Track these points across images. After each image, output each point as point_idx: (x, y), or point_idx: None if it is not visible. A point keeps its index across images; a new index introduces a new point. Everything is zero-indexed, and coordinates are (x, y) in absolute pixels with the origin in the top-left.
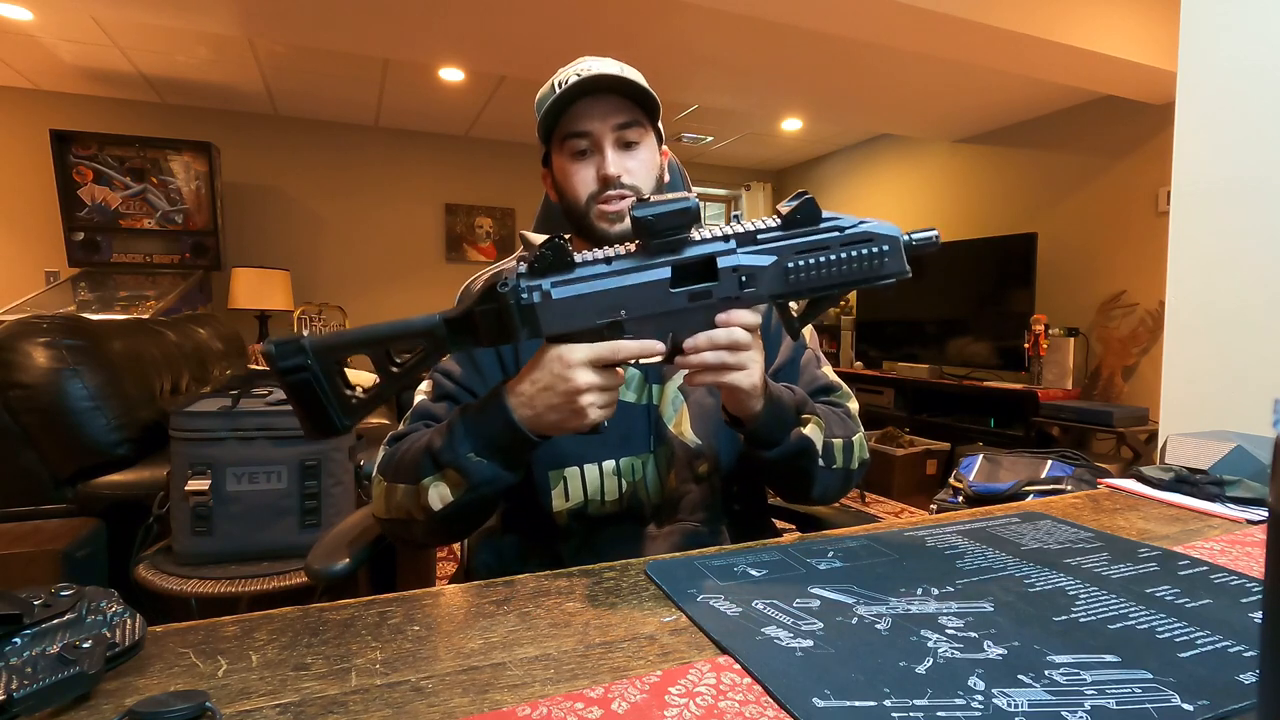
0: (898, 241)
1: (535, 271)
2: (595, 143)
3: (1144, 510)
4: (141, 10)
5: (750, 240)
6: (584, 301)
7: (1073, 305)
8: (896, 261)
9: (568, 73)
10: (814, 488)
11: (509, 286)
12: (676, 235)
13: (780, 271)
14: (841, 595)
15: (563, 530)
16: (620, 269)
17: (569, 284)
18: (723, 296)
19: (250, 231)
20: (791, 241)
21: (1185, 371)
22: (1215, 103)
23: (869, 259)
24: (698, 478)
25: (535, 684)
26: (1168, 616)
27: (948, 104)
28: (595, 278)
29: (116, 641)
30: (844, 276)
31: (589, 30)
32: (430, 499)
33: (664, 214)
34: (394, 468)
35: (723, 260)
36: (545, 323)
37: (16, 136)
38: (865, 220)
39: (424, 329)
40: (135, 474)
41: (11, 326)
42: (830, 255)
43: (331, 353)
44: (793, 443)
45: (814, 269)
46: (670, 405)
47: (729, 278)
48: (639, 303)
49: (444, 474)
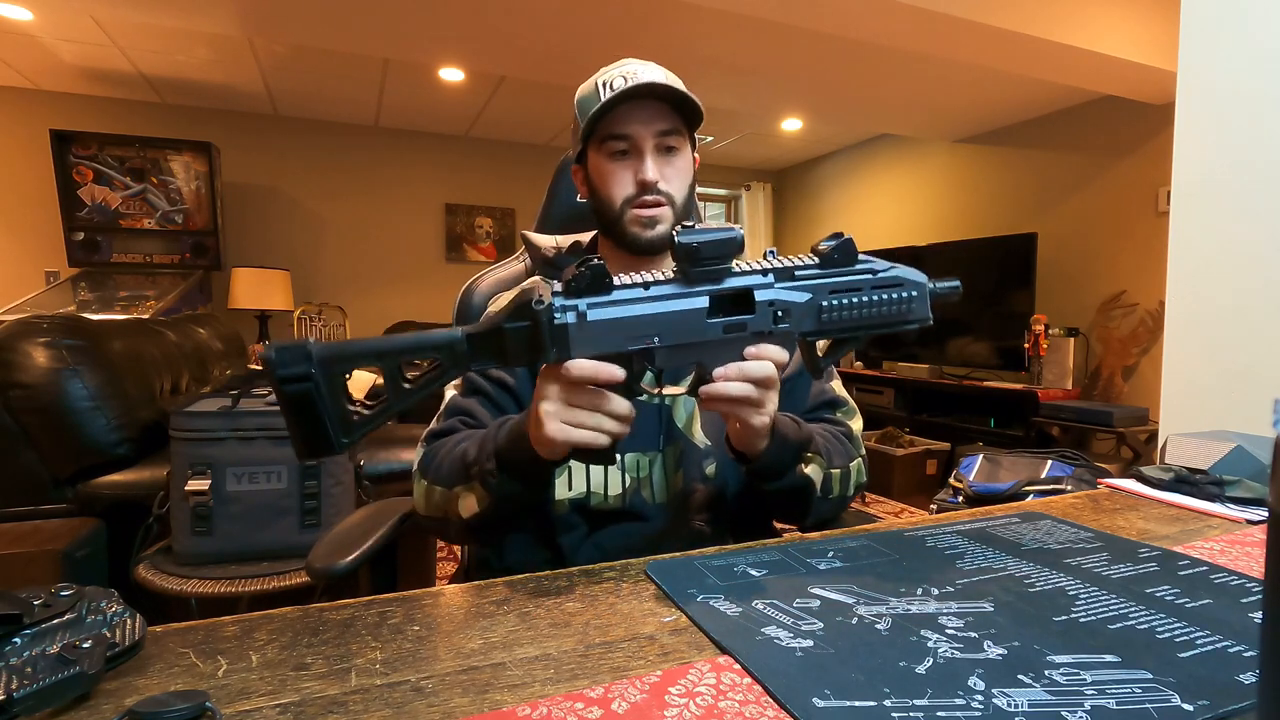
0: (925, 288)
1: (571, 291)
2: (635, 146)
3: (1144, 510)
4: (141, 10)
5: (788, 276)
6: (619, 325)
7: (1073, 305)
8: (922, 308)
9: (613, 74)
10: (809, 516)
11: (544, 305)
12: (718, 265)
13: (814, 309)
14: (841, 595)
15: (563, 522)
16: (658, 295)
17: (605, 306)
18: (756, 330)
19: (250, 231)
20: (827, 281)
21: (1185, 371)
22: (1215, 103)
23: (897, 304)
24: (705, 478)
25: (535, 684)
26: (1168, 616)
27: (948, 104)
28: (632, 302)
29: (116, 641)
30: (872, 319)
31: (589, 30)
32: (461, 507)
33: (709, 243)
34: (433, 469)
35: (760, 294)
36: (576, 344)
37: (16, 136)
38: (895, 266)
39: (444, 343)
40: (135, 474)
41: (11, 326)
42: (862, 297)
43: (339, 363)
44: (795, 478)
45: (846, 309)
46: (683, 405)
47: (764, 311)
48: (673, 330)
49: (472, 486)
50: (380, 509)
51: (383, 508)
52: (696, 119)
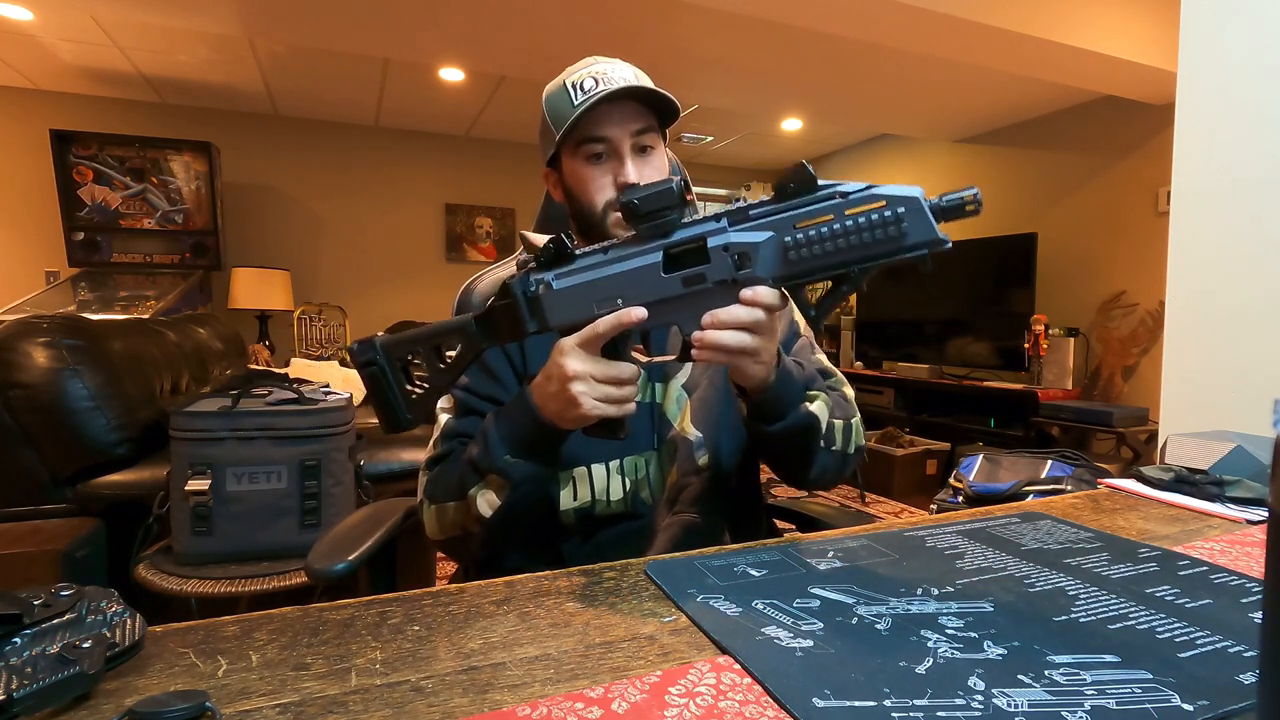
0: (918, 203)
1: (540, 266)
2: (613, 149)
3: (1144, 510)
4: (141, 10)
5: (743, 217)
6: (583, 290)
7: (1073, 305)
8: (922, 228)
9: (582, 75)
10: (813, 467)
11: (517, 279)
12: (663, 217)
13: (778, 248)
14: (841, 595)
15: (565, 529)
16: (615, 257)
17: (570, 275)
18: (718, 280)
19: (250, 231)
20: (786, 214)
21: (1185, 371)
22: (1215, 103)
23: (884, 226)
24: (698, 469)
25: (535, 684)
26: (1168, 616)
27: (948, 104)
28: (593, 267)
29: (116, 641)
30: (857, 251)
31: (589, 30)
32: (480, 508)
33: (647, 196)
34: (440, 489)
35: (713, 240)
36: (550, 314)
37: (16, 136)
38: (874, 185)
39: (459, 326)
40: (135, 474)
41: (11, 326)
42: (834, 226)
43: (396, 348)
44: (800, 416)
45: (818, 243)
46: (674, 403)
47: (720, 258)
48: (635, 289)
49: (487, 481)
50: (380, 509)
51: (382, 508)
52: (670, 115)
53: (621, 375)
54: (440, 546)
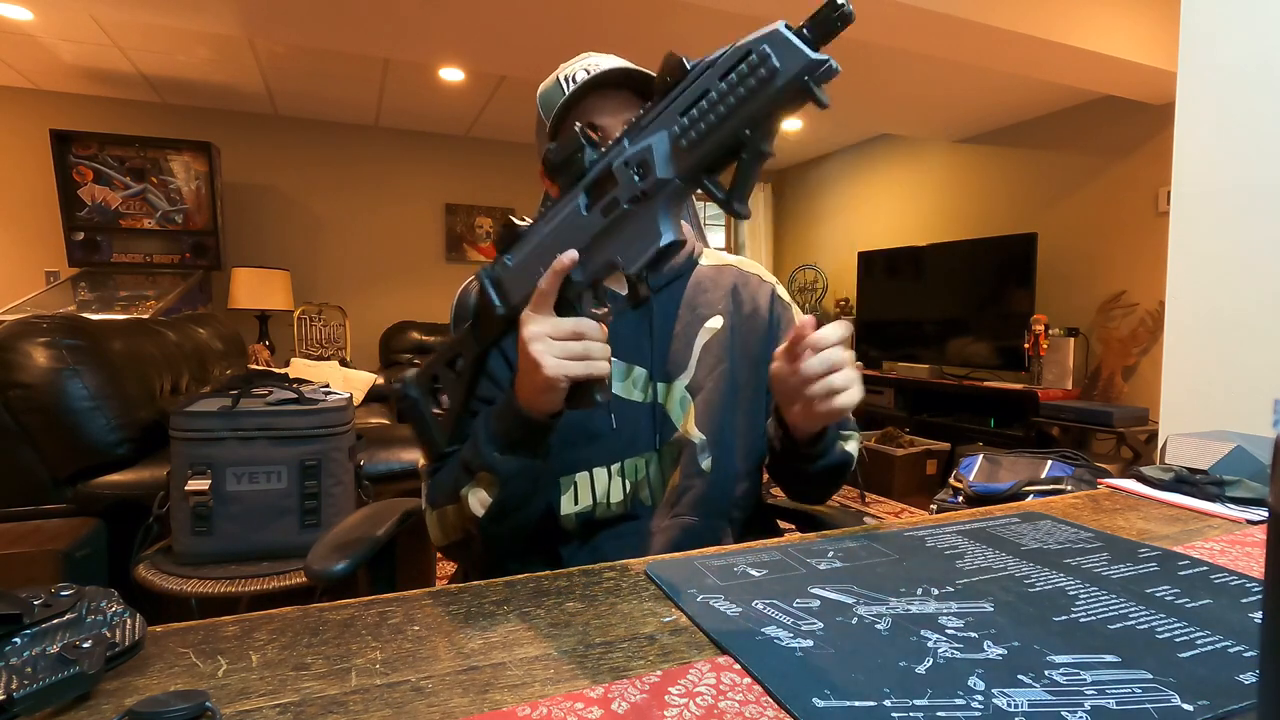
0: (779, 34)
1: (500, 252)
2: (606, 138)
3: (1144, 510)
4: (141, 10)
5: (635, 129)
6: (530, 259)
7: (1073, 305)
8: (792, 58)
9: (575, 68)
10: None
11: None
12: (574, 161)
13: (672, 142)
14: (841, 595)
15: (565, 534)
16: (550, 217)
17: (519, 249)
18: (630, 199)
19: (250, 231)
20: (669, 105)
21: (1185, 371)
22: (1215, 103)
23: (754, 73)
24: (701, 472)
25: (535, 684)
26: (1168, 616)
27: (948, 104)
28: (535, 233)
29: (116, 641)
30: (741, 110)
31: (589, 30)
32: (472, 506)
33: (555, 148)
34: (439, 493)
35: (615, 160)
36: (511, 292)
37: (16, 136)
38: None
39: (461, 337)
40: (135, 474)
41: (11, 326)
42: (711, 96)
43: (421, 377)
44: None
45: (702, 120)
46: (678, 404)
47: (624, 174)
48: (568, 238)
49: (478, 479)
50: (380, 509)
51: (382, 508)
52: None
53: (580, 330)
54: (445, 552)
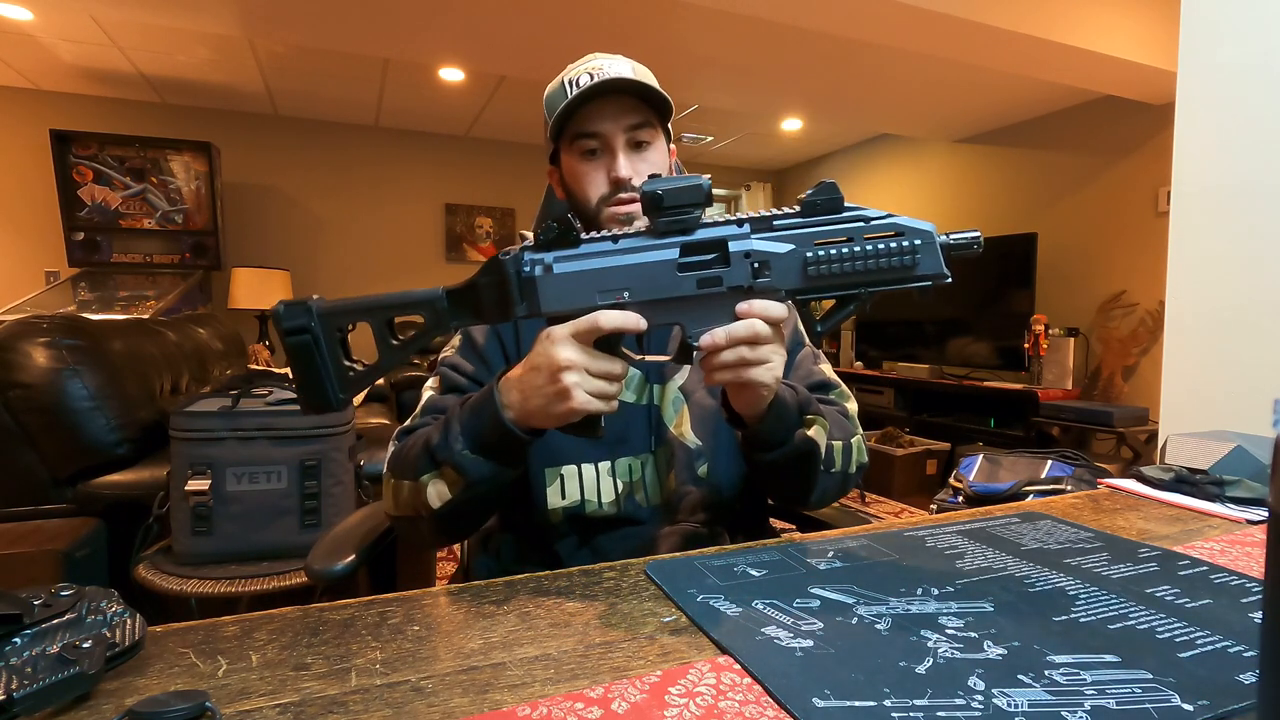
0: (932, 238)
1: (541, 246)
2: (606, 144)
3: (1144, 510)
4: (141, 10)
5: (766, 226)
6: (586, 278)
7: (1073, 305)
8: (931, 262)
9: (579, 71)
10: (813, 492)
11: (510, 256)
12: (686, 213)
13: (798, 261)
14: (841, 595)
15: (559, 530)
16: (627, 247)
17: (572, 259)
18: (733, 285)
19: (250, 231)
20: (811, 230)
21: (1185, 371)
22: (1215, 103)
23: (898, 255)
24: (697, 479)
25: (535, 684)
26: (1168, 616)
27: (948, 104)
28: (600, 255)
29: (116, 641)
30: (871, 275)
31: (589, 30)
32: (429, 496)
33: (673, 189)
34: (400, 464)
35: (735, 245)
36: (544, 299)
37: (16, 136)
38: (893, 215)
39: (425, 299)
40: (135, 474)
41: (11, 326)
42: (854, 248)
43: (335, 317)
44: (796, 444)
45: (836, 261)
46: (671, 406)
47: (740, 263)
48: (644, 284)
49: (441, 472)
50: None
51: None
52: (667, 110)
53: (614, 371)
54: (394, 524)
